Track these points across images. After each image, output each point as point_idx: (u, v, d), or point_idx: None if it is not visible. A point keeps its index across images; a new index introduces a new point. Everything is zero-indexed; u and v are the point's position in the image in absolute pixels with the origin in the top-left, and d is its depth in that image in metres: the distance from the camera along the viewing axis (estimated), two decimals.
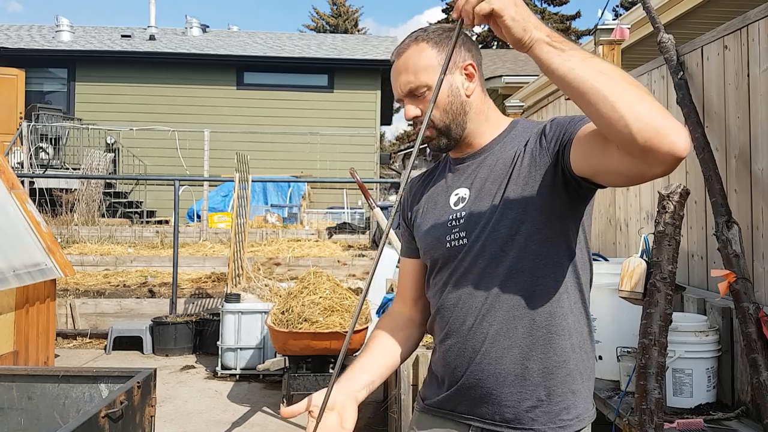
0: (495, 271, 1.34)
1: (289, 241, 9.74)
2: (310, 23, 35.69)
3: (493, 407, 1.35)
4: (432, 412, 1.47)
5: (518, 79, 11.67)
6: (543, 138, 1.33)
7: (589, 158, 1.21)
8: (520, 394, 1.33)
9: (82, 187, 11.24)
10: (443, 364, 1.43)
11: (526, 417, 1.33)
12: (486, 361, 1.34)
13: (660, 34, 3.14)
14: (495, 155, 1.40)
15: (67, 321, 7.29)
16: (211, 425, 4.62)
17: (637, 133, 1.03)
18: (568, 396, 1.35)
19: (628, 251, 3.81)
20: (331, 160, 12.78)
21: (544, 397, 1.33)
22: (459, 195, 1.42)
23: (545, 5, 31.94)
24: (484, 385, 1.35)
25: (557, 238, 1.34)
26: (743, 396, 2.53)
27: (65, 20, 14.93)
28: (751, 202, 2.65)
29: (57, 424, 2.51)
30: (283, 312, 4.90)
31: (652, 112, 1.04)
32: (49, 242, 4.58)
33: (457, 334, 1.38)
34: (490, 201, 1.36)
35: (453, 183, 1.45)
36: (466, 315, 1.37)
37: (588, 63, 1.08)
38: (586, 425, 1.39)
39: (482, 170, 1.40)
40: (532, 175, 1.32)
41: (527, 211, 1.32)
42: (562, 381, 1.34)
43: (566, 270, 1.36)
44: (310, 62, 14.04)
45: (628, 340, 2.83)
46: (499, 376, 1.34)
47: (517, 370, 1.33)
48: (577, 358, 1.36)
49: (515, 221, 1.32)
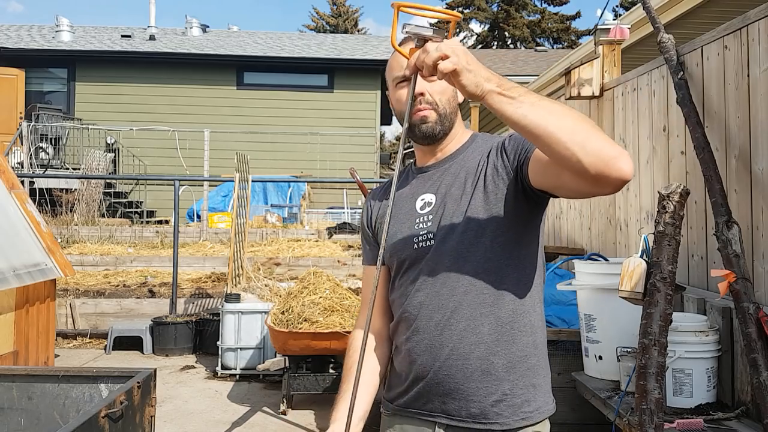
0: (461, 270, 1.41)
1: (289, 241, 9.74)
2: (310, 23, 35.70)
3: (460, 402, 1.41)
4: (401, 413, 1.51)
5: (518, 79, 11.64)
6: (504, 151, 1.43)
7: (545, 177, 1.31)
8: (486, 388, 1.39)
9: (82, 187, 11.23)
10: (410, 361, 1.46)
11: (491, 411, 1.39)
12: (454, 356, 1.40)
13: (660, 34, 3.14)
14: (458, 164, 1.49)
15: (67, 321, 7.29)
16: (211, 425, 4.61)
17: (589, 165, 1.15)
18: (530, 389, 1.42)
19: (628, 251, 3.81)
20: (331, 160, 12.78)
21: (508, 391, 1.40)
22: (425, 200, 1.50)
23: (545, 5, 31.92)
24: (451, 381, 1.40)
25: (519, 241, 1.43)
26: (743, 396, 2.53)
27: (65, 20, 14.92)
28: (751, 202, 2.65)
29: (57, 424, 2.51)
30: (283, 312, 4.90)
31: (600, 145, 1.15)
32: (49, 242, 4.58)
33: (424, 332, 1.43)
34: (456, 205, 1.44)
35: (418, 189, 1.53)
36: (433, 313, 1.43)
37: (538, 107, 1.17)
38: (546, 417, 1.46)
39: (447, 177, 1.49)
40: (495, 183, 1.41)
41: (491, 215, 1.40)
42: (523, 375, 1.42)
43: (527, 270, 1.45)
44: (310, 62, 14.04)
45: (628, 340, 2.83)
46: (467, 371, 1.40)
47: (483, 365, 1.39)
48: (538, 354, 1.45)
49: (480, 225, 1.41)
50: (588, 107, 4.56)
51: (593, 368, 3.09)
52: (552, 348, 3.36)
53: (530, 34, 30.70)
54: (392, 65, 1.49)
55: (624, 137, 3.96)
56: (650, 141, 3.58)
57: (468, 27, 32.93)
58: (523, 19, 31.21)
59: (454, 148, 1.52)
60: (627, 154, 1.17)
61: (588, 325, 3.07)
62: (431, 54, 1.17)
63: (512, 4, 31.28)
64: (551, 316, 3.64)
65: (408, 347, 1.46)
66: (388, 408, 1.56)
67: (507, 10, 31.20)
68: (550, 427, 1.49)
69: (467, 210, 1.42)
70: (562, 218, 5.22)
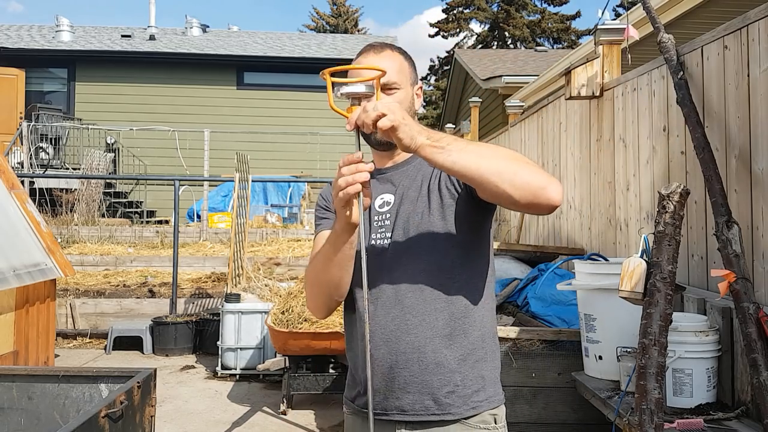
0: (417, 268, 1.49)
1: (289, 241, 9.74)
2: (310, 23, 35.69)
3: (415, 396, 1.48)
4: (361, 414, 1.56)
5: (518, 79, 11.66)
6: None
7: (487, 198, 1.40)
8: (440, 380, 1.47)
9: (82, 187, 11.23)
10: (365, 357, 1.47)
11: (444, 402, 1.47)
12: (410, 349, 1.47)
13: (660, 34, 3.14)
14: (415, 168, 1.58)
15: (67, 321, 7.30)
16: (211, 425, 4.62)
17: (519, 198, 1.29)
18: (478, 380, 1.51)
19: (628, 251, 3.81)
20: (331, 160, 12.76)
21: (459, 382, 1.48)
22: (384, 199, 1.58)
23: (545, 5, 31.92)
24: (407, 373, 1.48)
25: (472, 240, 1.53)
26: (743, 396, 2.53)
27: (65, 20, 14.92)
28: (751, 202, 2.65)
29: (57, 424, 2.51)
30: (283, 312, 4.90)
31: (528, 179, 1.29)
32: (49, 242, 4.58)
33: (381, 326, 1.49)
34: (413, 206, 1.53)
35: (377, 190, 1.59)
36: (390, 309, 1.49)
37: (466, 152, 1.30)
38: (498, 406, 1.55)
39: (404, 179, 1.58)
40: (447, 188, 1.52)
41: (446, 217, 1.50)
42: (472, 367, 1.50)
43: (479, 268, 1.55)
44: (311, 62, 14.03)
45: (628, 340, 2.83)
46: (422, 363, 1.47)
47: (438, 358, 1.47)
48: (486, 347, 1.54)
49: (434, 225, 1.50)
50: (588, 107, 4.56)
51: (593, 368, 3.09)
52: (552, 348, 3.36)
53: (530, 34, 30.70)
54: (351, 77, 1.52)
55: (624, 137, 3.96)
56: (650, 141, 3.58)
57: (468, 27, 32.94)
58: (523, 19, 31.21)
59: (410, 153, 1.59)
60: (555, 183, 1.31)
61: (588, 325, 3.07)
62: (370, 114, 1.27)
63: (512, 4, 31.28)
64: (551, 316, 3.64)
65: (364, 342, 1.46)
66: (350, 407, 1.61)
67: (507, 10, 31.20)
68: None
69: (423, 211, 1.51)
70: (562, 218, 5.22)
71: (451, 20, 32.76)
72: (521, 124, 6.62)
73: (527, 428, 3.24)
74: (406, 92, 1.56)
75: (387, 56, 1.56)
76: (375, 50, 1.56)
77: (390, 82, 1.52)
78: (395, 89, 1.54)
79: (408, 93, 1.57)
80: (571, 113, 4.95)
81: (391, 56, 1.56)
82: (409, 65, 1.60)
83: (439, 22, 32.91)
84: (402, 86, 1.55)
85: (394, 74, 1.53)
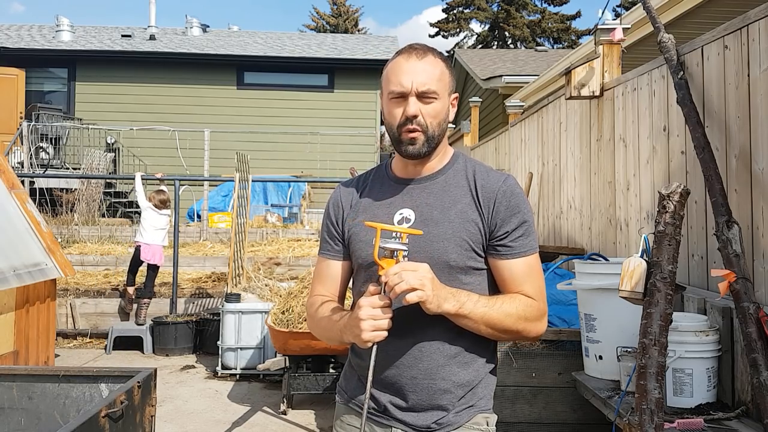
0: None
1: (289, 240, 9.74)
2: (310, 23, 35.71)
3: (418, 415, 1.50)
4: (356, 412, 1.57)
5: (518, 78, 11.65)
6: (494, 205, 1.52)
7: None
8: (445, 406, 1.50)
9: (82, 186, 11.23)
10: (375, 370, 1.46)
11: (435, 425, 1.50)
12: (421, 376, 1.49)
13: (660, 33, 3.14)
14: (439, 185, 1.57)
15: (67, 321, 7.29)
16: (211, 425, 4.62)
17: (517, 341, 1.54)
18: (468, 410, 1.54)
19: (628, 251, 3.81)
20: (331, 160, 12.77)
21: (453, 408, 1.51)
22: (403, 215, 1.55)
23: (545, 5, 31.92)
24: (415, 397, 1.49)
25: (482, 269, 1.54)
26: (743, 396, 2.53)
27: (65, 20, 14.92)
28: (751, 202, 2.65)
29: (57, 424, 2.51)
30: (284, 312, 4.90)
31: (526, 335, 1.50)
32: (50, 242, 4.59)
33: (394, 348, 1.48)
34: (434, 228, 1.50)
35: (396, 202, 1.57)
36: (405, 333, 1.48)
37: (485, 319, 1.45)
38: (490, 409, 1.58)
39: (429, 197, 1.55)
40: (471, 220, 1.51)
41: (462, 244, 1.50)
42: (469, 400, 1.53)
43: (487, 293, 1.55)
44: (311, 62, 14.04)
45: (628, 340, 2.83)
46: (431, 390, 1.49)
47: (446, 385, 1.50)
48: (487, 380, 1.57)
49: (449, 251, 1.49)
50: (588, 107, 4.56)
51: (593, 368, 3.09)
52: (552, 348, 3.36)
53: (530, 34, 30.70)
54: (389, 77, 1.52)
55: (624, 137, 3.96)
56: (650, 141, 3.58)
57: (468, 27, 32.94)
58: (524, 18, 31.22)
59: (436, 167, 1.58)
60: (544, 325, 1.52)
61: (588, 325, 3.07)
62: (401, 285, 1.33)
63: (512, 4, 31.28)
64: (551, 316, 3.64)
65: (375, 357, 1.44)
66: (344, 397, 1.62)
67: (507, 9, 31.20)
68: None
69: (441, 234, 1.49)
70: (562, 218, 5.22)
71: (451, 20, 32.77)
72: (521, 124, 6.62)
73: (527, 428, 3.25)
74: (443, 103, 1.52)
75: (429, 62, 1.51)
76: (417, 54, 1.51)
77: (429, 91, 1.48)
78: (433, 99, 1.49)
79: (445, 103, 1.53)
80: (571, 113, 4.95)
81: (434, 63, 1.51)
82: (450, 74, 1.55)
83: (439, 22, 32.92)
84: (440, 96, 1.50)
85: (434, 82, 1.49)
